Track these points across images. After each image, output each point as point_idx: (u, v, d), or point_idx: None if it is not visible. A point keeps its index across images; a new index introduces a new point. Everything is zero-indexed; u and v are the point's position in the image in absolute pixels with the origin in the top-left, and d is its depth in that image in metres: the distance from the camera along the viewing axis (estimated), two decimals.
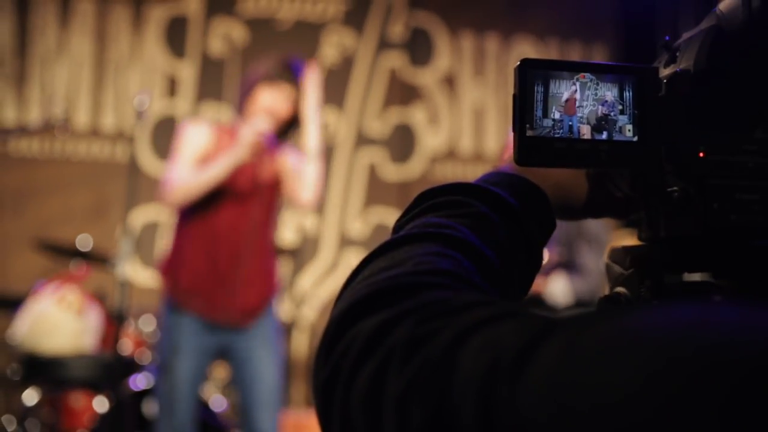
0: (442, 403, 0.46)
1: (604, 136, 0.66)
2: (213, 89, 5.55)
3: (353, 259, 5.57)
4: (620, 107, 0.66)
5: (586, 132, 0.66)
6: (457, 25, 5.97)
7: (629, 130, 0.66)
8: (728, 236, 0.67)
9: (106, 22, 5.46)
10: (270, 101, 3.19)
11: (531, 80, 0.65)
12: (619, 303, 0.72)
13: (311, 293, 5.61)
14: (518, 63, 0.65)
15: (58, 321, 3.96)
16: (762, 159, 0.66)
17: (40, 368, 3.93)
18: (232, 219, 3.17)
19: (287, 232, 5.55)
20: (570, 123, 0.65)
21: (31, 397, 3.99)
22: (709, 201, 0.66)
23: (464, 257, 0.63)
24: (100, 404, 3.80)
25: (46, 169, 5.31)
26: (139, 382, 3.71)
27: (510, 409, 0.42)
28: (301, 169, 3.21)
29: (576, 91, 0.66)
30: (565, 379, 0.40)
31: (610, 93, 0.66)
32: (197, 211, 3.14)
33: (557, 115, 0.65)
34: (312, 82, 3.25)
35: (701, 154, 0.66)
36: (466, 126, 5.97)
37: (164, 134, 5.39)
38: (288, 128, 3.29)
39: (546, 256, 3.80)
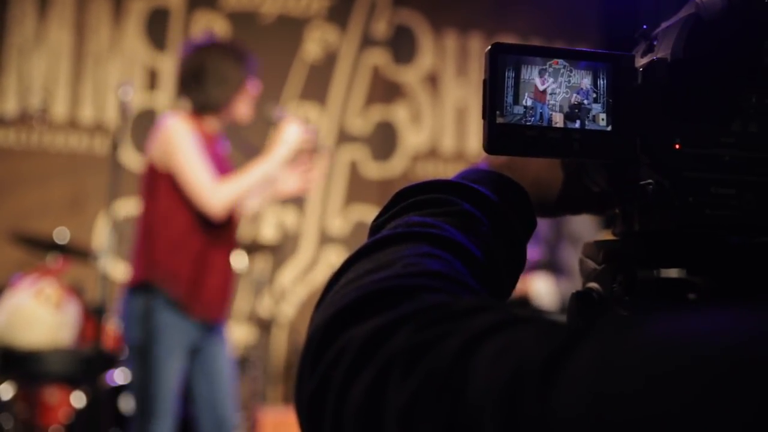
0: (455, 417, 0.43)
1: (577, 124, 0.64)
2: None
3: (333, 256, 5.55)
4: (594, 95, 0.64)
5: (558, 120, 0.63)
6: (441, 23, 5.96)
7: (603, 119, 0.64)
8: (703, 231, 0.65)
9: (86, 12, 5.40)
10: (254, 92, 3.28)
11: (502, 65, 0.63)
12: (591, 299, 0.71)
13: (291, 290, 5.58)
14: (489, 47, 0.63)
15: (36, 314, 3.92)
16: (739, 152, 0.65)
17: (16, 362, 3.88)
18: (224, 225, 3.21)
19: (267, 228, 5.53)
20: (542, 110, 0.63)
21: (6, 391, 3.94)
22: (684, 195, 0.64)
23: (454, 258, 0.60)
24: (78, 399, 3.76)
25: (23, 161, 5.25)
26: (117, 377, 3.68)
27: (541, 420, 0.39)
28: None
29: (548, 77, 0.64)
30: (605, 387, 0.37)
31: (584, 80, 0.64)
32: (201, 221, 3.14)
33: (529, 102, 0.63)
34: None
35: (677, 146, 0.64)
36: (448, 125, 5.96)
37: (144, 127, 5.34)
38: None
39: (530, 255, 3.79)
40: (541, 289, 3.59)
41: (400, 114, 5.89)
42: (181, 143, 3.04)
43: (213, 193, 3.03)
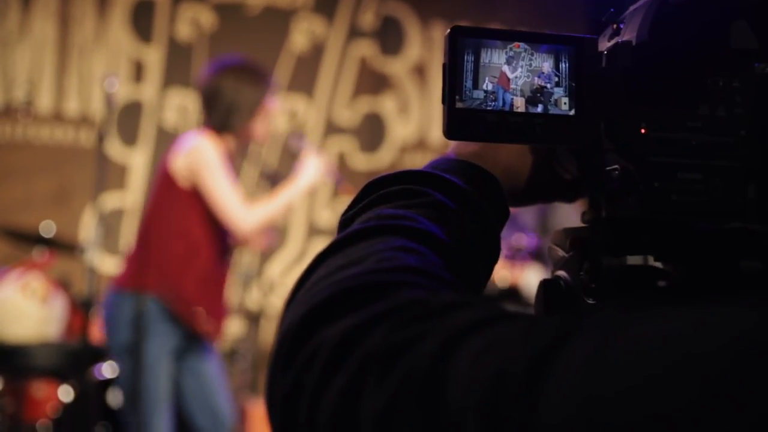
0: (434, 422, 0.41)
1: (539, 109, 0.63)
2: (180, 75, 5.47)
3: (321, 248, 5.50)
4: (556, 79, 0.63)
5: (520, 105, 0.62)
6: (428, 14, 5.93)
7: (565, 104, 0.63)
8: (669, 217, 0.64)
9: (70, 4, 5.36)
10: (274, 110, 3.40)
11: (461, 49, 0.61)
12: (558, 287, 0.70)
13: (279, 282, 5.58)
14: (448, 30, 0.62)
15: (22, 308, 3.90)
16: (705, 136, 0.64)
17: (3, 356, 3.86)
18: (226, 239, 3.30)
19: None
20: (503, 95, 0.62)
21: None
22: (649, 180, 0.63)
23: (429, 250, 0.58)
24: (65, 393, 3.75)
25: (7, 154, 5.22)
26: (104, 371, 3.66)
27: (527, 424, 0.37)
28: None
29: (508, 61, 0.62)
30: (596, 389, 0.35)
31: (545, 64, 0.63)
32: (212, 234, 3.21)
33: (490, 87, 0.62)
34: None
35: (642, 131, 0.63)
36: (436, 116, 5.94)
37: (129, 120, 5.31)
38: None
39: (522, 245, 3.77)
40: (531, 280, 3.59)
41: (387, 105, 5.87)
42: (213, 165, 3.14)
43: (244, 216, 3.16)
